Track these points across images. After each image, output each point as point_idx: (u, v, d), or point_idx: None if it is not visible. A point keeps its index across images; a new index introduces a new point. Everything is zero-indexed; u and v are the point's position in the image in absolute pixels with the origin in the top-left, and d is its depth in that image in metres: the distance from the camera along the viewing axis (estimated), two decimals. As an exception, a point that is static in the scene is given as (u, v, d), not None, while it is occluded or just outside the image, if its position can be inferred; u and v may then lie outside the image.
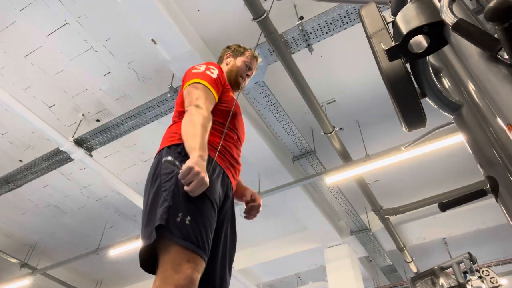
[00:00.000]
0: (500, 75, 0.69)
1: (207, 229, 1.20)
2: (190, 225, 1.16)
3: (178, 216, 1.16)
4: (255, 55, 1.88)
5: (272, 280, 8.44)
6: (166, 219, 1.15)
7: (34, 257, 7.30)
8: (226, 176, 1.42)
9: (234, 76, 1.79)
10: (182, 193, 1.21)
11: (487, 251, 7.33)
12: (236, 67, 1.80)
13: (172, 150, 1.35)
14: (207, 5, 3.79)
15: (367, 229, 6.23)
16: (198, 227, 1.17)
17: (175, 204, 1.19)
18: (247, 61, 1.83)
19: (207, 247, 1.18)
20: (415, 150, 4.28)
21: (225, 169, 1.42)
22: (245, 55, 1.85)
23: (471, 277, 3.14)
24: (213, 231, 1.25)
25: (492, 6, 0.61)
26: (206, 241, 1.18)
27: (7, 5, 3.81)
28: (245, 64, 1.81)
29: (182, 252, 1.13)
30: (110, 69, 4.41)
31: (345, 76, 4.54)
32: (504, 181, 0.85)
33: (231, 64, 1.83)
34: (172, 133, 1.44)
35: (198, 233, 1.16)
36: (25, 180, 5.34)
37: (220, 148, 1.43)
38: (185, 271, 1.09)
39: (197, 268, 1.13)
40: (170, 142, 1.39)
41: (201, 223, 1.19)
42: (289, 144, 4.84)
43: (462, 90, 0.97)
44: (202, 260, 1.15)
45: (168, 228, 1.15)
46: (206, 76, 1.52)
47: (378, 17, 1.08)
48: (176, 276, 1.08)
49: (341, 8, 3.32)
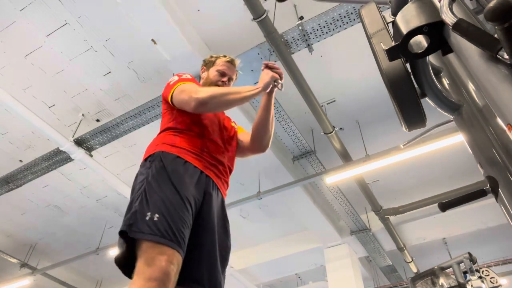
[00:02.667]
0: (500, 75, 0.69)
1: (177, 224, 1.23)
2: (159, 221, 1.21)
3: (146, 215, 1.22)
4: (228, 60, 1.86)
5: (272, 280, 8.44)
6: (129, 224, 1.22)
7: (34, 257, 7.30)
8: (204, 175, 1.46)
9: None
10: (150, 196, 1.28)
11: (487, 251, 7.33)
12: (209, 79, 1.81)
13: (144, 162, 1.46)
14: (207, 5, 3.79)
15: (367, 229, 6.23)
16: (167, 222, 1.21)
17: (142, 207, 1.26)
18: (220, 69, 1.82)
19: (180, 239, 1.20)
20: (415, 150, 4.28)
21: (202, 169, 1.46)
22: (216, 64, 1.85)
23: (471, 277, 3.14)
24: (188, 225, 1.27)
25: (492, 6, 0.61)
26: (178, 234, 1.21)
27: (7, 5, 3.81)
28: (218, 73, 1.81)
29: (153, 247, 1.16)
30: (110, 69, 4.41)
31: (345, 76, 4.54)
32: (504, 181, 0.85)
33: (205, 77, 1.85)
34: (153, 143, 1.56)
35: (167, 227, 1.20)
36: (25, 180, 5.34)
37: (195, 150, 1.49)
38: (158, 263, 1.12)
39: (171, 260, 1.14)
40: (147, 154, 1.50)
41: (170, 218, 1.22)
42: (289, 144, 4.84)
43: (462, 90, 0.97)
44: (175, 252, 1.17)
45: (137, 227, 1.20)
46: (182, 79, 1.63)
47: (378, 17, 1.08)
48: (150, 269, 1.11)
49: (341, 8, 3.32)
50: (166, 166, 1.38)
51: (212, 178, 1.49)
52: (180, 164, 1.42)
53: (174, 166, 1.40)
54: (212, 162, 1.52)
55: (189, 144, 1.50)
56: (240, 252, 7.46)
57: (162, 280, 1.09)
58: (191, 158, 1.46)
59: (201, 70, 1.91)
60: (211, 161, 1.52)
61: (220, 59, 1.87)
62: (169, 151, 1.46)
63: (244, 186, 5.74)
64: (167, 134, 1.55)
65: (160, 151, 1.46)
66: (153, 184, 1.33)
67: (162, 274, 1.10)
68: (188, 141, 1.51)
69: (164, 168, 1.38)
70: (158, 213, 1.22)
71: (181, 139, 1.51)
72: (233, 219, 7.30)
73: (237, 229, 7.07)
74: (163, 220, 1.21)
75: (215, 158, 1.54)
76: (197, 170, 1.45)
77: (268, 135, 1.71)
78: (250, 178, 5.49)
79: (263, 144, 1.72)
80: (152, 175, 1.36)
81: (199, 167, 1.46)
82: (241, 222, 6.76)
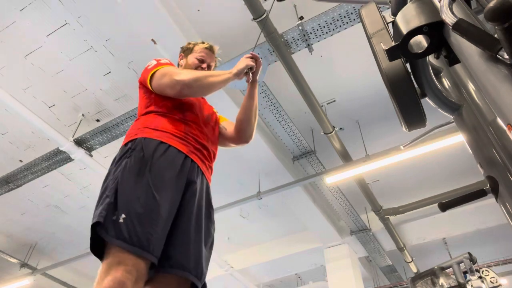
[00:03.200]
0: (500, 75, 0.69)
1: (145, 226, 1.18)
2: (124, 223, 1.16)
3: (114, 215, 1.19)
4: (207, 46, 1.81)
5: (272, 280, 8.43)
6: (104, 216, 1.18)
7: (34, 257, 7.30)
8: (190, 160, 1.42)
9: None
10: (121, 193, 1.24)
11: (487, 251, 7.33)
12: (188, 66, 1.77)
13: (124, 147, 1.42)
14: (207, 5, 3.79)
15: (367, 229, 6.23)
16: (132, 224, 1.17)
17: (111, 204, 1.22)
18: (198, 56, 1.77)
19: (145, 243, 1.16)
20: (415, 150, 4.28)
21: (187, 154, 1.42)
22: (194, 51, 1.80)
23: (471, 277, 3.14)
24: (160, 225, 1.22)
25: (492, 6, 0.61)
26: (145, 237, 1.16)
27: (7, 5, 3.80)
28: (196, 60, 1.77)
29: (114, 254, 1.15)
30: (110, 69, 4.41)
31: (345, 76, 4.54)
32: (504, 181, 0.85)
33: (183, 64, 1.81)
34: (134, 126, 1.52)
35: (133, 231, 1.16)
36: (25, 180, 5.34)
37: (179, 134, 1.45)
38: (114, 274, 1.10)
39: (129, 270, 1.12)
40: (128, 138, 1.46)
41: (138, 220, 1.18)
42: (289, 144, 4.84)
43: (462, 90, 0.97)
44: (137, 260, 1.14)
45: (104, 226, 1.18)
46: (160, 63, 1.60)
47: (378, 17, 1.08)
48: (106, 279, 1.10)
49: (341, 8, 3.32)
50: (146, 158, 1.32)
51: (197, 163, 1.45)
52: (162, 152, 1.36)
53: (155, 158, 1.33)
54: (197, 147, 1.48)
55: (173, 128, 1.45)
56: (240, 252, 7.46)
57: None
58: (176, 142, 1.42)
59: (179, 57, 1.87)
60: (196, 145, 1.48)
61: (198, 46, 1.82)
62: (151, 136, 1.40)
63: (244, 186, 5.74)
64: (149, 117, 1.50)
65: (143, 138, 1.40)
66: (127, 179, 1.27)
67: (116, 285, 1.08)
68: (172, 124, 1.46)
69: (144, 160, 1.32)
70: (126, 214, 1.18)
71: (165, 122, 1.46)
72: (233, 219, 7.34)
73: (237, 229, 7.10)
74: (129, 222, 1.16)
75: (200, 142, 1.51)
76: (182, 155, 1.40)
77: (251, 125, 1.70)
78: (250, 178, 5.49)
79: (247, 134, 1.71)
80: (129, 167, 1.30)
81: (184, 151, 1.41)
82: (241, 222, 6.76)
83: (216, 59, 1.87)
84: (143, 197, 1.23)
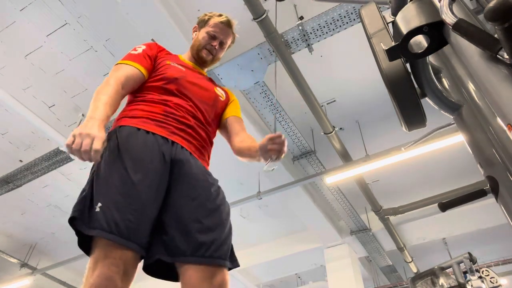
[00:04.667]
0: (500, 75, 0.69)
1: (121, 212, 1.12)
2: (101, 212, 1.11)
3: (93, 206, 1.14)
4: (222, 20, 1.65)
5: (272, 280, 8.44)
6: (80, 210, 1.14)
7: (34, 257, 7.30)
8: (171, 142, 1.32)
9: (195, 51, 1.66)
10: (97, 184, 1.19)
11: (487, 251, 7.34)
12: (198, 41, 1.65)
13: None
14: (207, 5, 3.79)
15: (367, 229, 6.23)
16: (110, 211, 1.11)
17: (88, 195, 1.17)
18: (210, 30, 1.63)
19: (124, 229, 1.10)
20: (415, 150, 4.28)
21: (167, 136, 1.33)
22: (208, 24, 1.66)
23: (471, 277, 3.15)
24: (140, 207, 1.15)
25: (492, 6, 0.61)
26: (123, 222, 1.11)
27: (7, 5, 3.80)
28: (207, 35, 1.63)
29: (99, 248, 1.11)
30: (110, 69, 4.40)
31: (345, 76, 4.54)
32: (504, 181, 0.85)
33: (194, 38, 1.68)
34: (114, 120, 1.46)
35: (110, 218, 1.10)
36: (25, 180, 5.34)
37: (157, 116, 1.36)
38: (101, 269, 1.07)
39: (116, 263, 1.08)
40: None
41: (113, 206, 1.13)
42: (289, 144, 4.84)
43: (462, 90, 0.97)
44: (123, 251, 1.10)
45: (82, 219, 1.13)
46: (125, 56, 1.50)
47: (378, 17, 1.08)
48: (93, 275, 1.07)
49: (341, 8, 3.32)
50: (120, 145, 1.25)
51: (181, 143, 1.35)
52: (137, 137, 1.28)
53: (130, 144, 1.26)
54: (180, 127, 1.38)
55: (150, 112, 1.37)
56: (240, 252, 7.46)
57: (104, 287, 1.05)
58: (152, 126, 1.33)
59: (193, 29, 1.74)
60: (178, 125, 1.38)
61: (213, 19, 1.67)
62: (127, 124, 1.34)
63: (244, 186, 5.74)
64: (128, 106, 1.45)
65: (118, 126, 1.35)
66: (103, 168, 1.21)
67: (102, 280, 1.06)
68: (150, 108, 1.39)
69: (118, 147, 1.25)
70: (102, 202, 1.13)
71: (142, 107, 1.39)
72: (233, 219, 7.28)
73: (237, 229, 7.05)
74: (106, 210, 1.11)
75: (183, 123, 1.39)
76: (159, 137, 1.31)
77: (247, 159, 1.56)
78: (250, 178, 5.49)
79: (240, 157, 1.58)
80: (104, 158, 1.23)
81: (162, 134, 1.32)
82: (241, 222, 6.76)
83: (234, 35, 1.72)
84: (118, 183, 1.17)
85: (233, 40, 1.73)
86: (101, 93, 1.30)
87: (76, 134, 1.10)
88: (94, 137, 1.11)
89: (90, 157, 1.10)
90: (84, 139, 1.09)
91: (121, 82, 1.37)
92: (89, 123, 1.15)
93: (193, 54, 1.67)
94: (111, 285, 1.06)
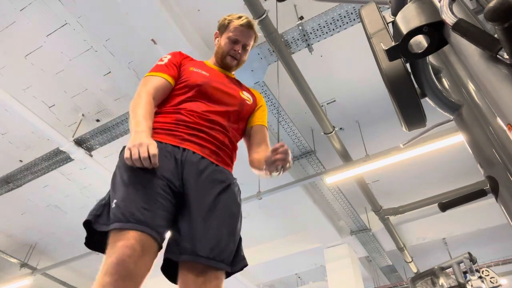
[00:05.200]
0: (500, 75, 0.69)
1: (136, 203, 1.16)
2: (116, 207, 1.16)
3: (107, 206, 1.20)
4: (242, 23, 1.62)
5: (272, 280, 8.44)
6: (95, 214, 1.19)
7: (34, 257, 7.30)
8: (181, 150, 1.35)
9: (219, 58, 1.67)
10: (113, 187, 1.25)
11: (487, 251, 7.34)
12: (221, 48, 1.65)
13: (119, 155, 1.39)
14: (207, 5, 3.79)
15: (367, 229, 6.23)
16: (124, 204, 1.16)
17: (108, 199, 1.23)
18: (231, 35, 1.63)
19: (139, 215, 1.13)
20: (415, 150, 4.28)
21: (178, 144, 1.35)
22: (229, 29, 1.65)
23: (471, 277, 3.15)
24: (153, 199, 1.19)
25: (492, 6, 0.61)
26: (138, 211, 1.14)
27: (7, 5, 3.80)
28: (229, 40, 1.63)
29: (112, 237, 1.12)
30: (110, 69, 4.41)
31: (345, 76, 4.54)
32: (504, 181, 0.85)
33: (217, 45, 1.69)
34: None
35: (124, 210, 1.14)
36: (25, 180, 5.34)
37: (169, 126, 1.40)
38: (114, 254, 1.07)
39: (128, 244, 1.08)
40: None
41: (128, 199, 1.17)
42: (289, 144, 4.84)
43: (462, 90, 0.97)
44: (134, 232, 1.10)
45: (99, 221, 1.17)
46: (152, 68, 1.56)
47: (378, 17, 1.08)
48: (107, 261, 1.08)
49: (341, 8, 3.32)
50: None
51: (192, 149, 1.37)
52: None
53: None
54: (190, 132, 1.39)
55: (163, 122, 1.42)
56: (240, 252, 7.45)
57: (116, 272, 1.04)
58: (164, 136, 1.37)
59: (214, 36, 1.74)
60: (189, 131, 1.40)
61: (233, 23, 1.65)
62: None
63: (244, 186, 5.67)
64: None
65: None
66: (116, 175, 1.28)
67: (116, 262, 1.05)
68: (163, 118, 1.43)
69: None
70: (117, 198, 1.19)
71: (157, 120, 1.43)
72: (233, 219, 7.26)
73: (237, 229, 7.07)
74: (121, 204, 1.16)
75: (195, 128, 1.41)
76: (169, 146, 1.34)
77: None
78: (250, 178, 5.46)
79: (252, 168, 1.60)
80: (118, 166, 1.31)
81: (173, 143, 1.36)
82: (241, 222, 6.75)
83: (256, 35, 1.69)
84: (132, 180, 1.22)
85: (256, 40, 1.71)
86: (136, 107, 1.37)
87: (130, 147, 1.21)
88: (148, 145, 1.21)
89: (150, 162, 1.20)
90: (140, 148, 1.20)
91: (151, 93, 1.44)
92: (137, 136, 1.24)
93: (218, 61, 1.70)
94: (123, 270, 1.05)
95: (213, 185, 1.33)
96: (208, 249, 1.20)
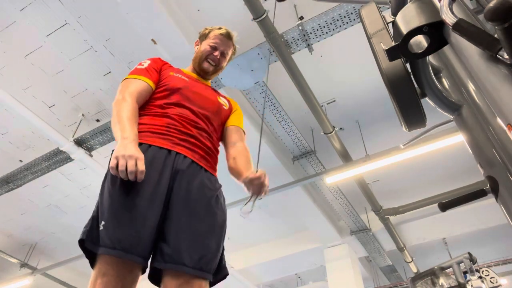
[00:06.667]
0: (500, 75, 0.69)
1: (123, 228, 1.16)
2: (104, 230, 1.16)
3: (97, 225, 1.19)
4: (222, 32, 1.70)
5: (272, 280, 8.44)
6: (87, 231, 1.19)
7: (34, 257, 7.30)
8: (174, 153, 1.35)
9: (197, 63, 1.72)
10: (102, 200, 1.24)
11: (487, 251, 7.34)
12: (200, 53, 1.71)
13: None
14: (207, 5, 3.79)
15: (367, 229, 6.23)
16: (112, 227, 1.16)
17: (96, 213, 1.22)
18: (211, 42, 1.69)
19: (126, 243, 1.14)
20: (415, 150, 4.28)
21: (170, 148, 1.36)
22: (209, 37, 1.72)
23: (471, 277, 3.15)
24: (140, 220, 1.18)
25: (492, 6, 0.61)
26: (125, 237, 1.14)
27: (7, 5, 3.80)
28: (208, 46, 1.69)
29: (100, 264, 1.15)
30: (110, 69, 4.41)
31: (345, 76, 4.54)
32: (504, 181, 0.85)
33: (196, 51, 1.75)
34: None
35: (112, 234, 1.14)
36: (25, 180, 5.34)
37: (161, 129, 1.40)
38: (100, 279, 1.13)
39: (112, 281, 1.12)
40: None
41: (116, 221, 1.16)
42: (289, 144, 4.84)
43: (462, 90, 0.97)
44: (123, 266, 1.14)
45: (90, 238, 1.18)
46: (132, 71, 1.57)
47: (378, 17, 1.08)
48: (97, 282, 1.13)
49: (341, 8, 3.32)
50: None
51: (184, 153, 1.38)
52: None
53: None
54: (182, 137, 1.41)
55: (153, 125, 1.41)
56: (240, 252, 7.46)
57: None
58: (155, 139, 1.37)
59: (195, 44, 1.80)
60: (180, 136, 1.41)
61: (213, 32, 1.73)
62: None
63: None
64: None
65: None
66: (107, 187, 1.25)
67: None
68: (153, 121, 1.43)
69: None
70: (105, 220, 1.17)
71: (146, 121, 1.42)
72: (233, 219, 7.31)
73: (237, 229, 7.08)
74: (109, 227, 1.16)
75: (185, 133, 1.43)
76: (163, 150, 1.34)
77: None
78: (250, 178, 5.49)
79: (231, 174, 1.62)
80: (106, 176, 1.29)
81: (166, 146, 1.36)
82: (241, 222, 6.75)
83: (235, 47, 1.78)
84: (119, 198, 1.20)
85: (234, 52, 1.80)
86: (121, 110, 1.36)
87: (118, 156, 1.17)
88: (136, 158, 1.18)
89: (136, 177, 1.18)
90: (128, 161, 1.16)
91: (135, 96, 1.44)
92: (126, 145, 1.21)
93: (195, 67, 1.75)
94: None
95: (202, 194, 1.34)
96: (196, 259, 1.21)
